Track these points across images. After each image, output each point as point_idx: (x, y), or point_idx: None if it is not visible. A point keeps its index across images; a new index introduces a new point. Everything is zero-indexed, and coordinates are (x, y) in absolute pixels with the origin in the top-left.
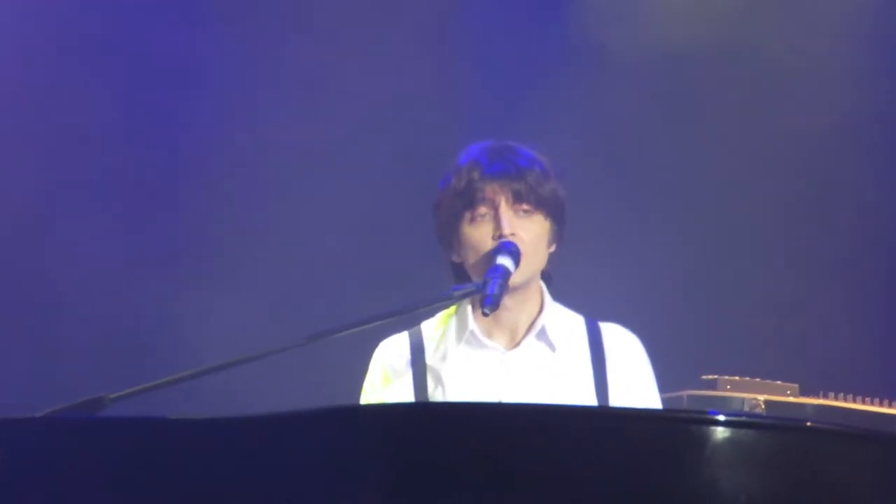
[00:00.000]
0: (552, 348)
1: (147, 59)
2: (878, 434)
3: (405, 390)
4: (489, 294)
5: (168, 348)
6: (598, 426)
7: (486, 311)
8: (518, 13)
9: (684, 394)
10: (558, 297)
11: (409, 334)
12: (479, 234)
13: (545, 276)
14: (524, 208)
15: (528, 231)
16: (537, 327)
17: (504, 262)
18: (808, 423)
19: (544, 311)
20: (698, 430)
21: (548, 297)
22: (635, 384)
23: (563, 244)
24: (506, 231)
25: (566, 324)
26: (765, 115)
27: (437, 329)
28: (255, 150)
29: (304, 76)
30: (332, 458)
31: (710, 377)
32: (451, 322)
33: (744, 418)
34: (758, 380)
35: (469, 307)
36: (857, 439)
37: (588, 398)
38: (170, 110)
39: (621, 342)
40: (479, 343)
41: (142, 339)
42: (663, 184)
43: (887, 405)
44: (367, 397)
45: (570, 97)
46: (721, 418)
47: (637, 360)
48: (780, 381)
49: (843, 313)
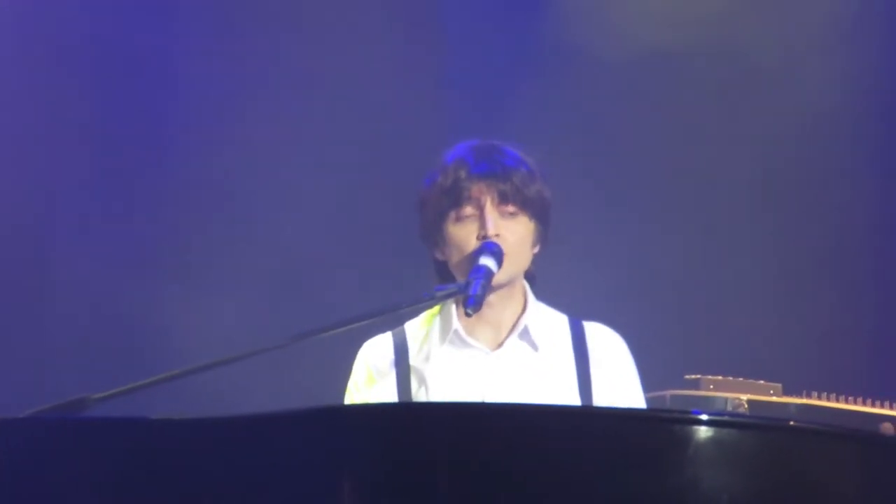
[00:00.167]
0: (535, 348)
1: (140, 60)
2: (860, 433)
3: (389, 390)
4: (472, 295)
5: (155, 349)
6: (582, 426)
7: (469, 312)
8: (501, 13)
9: (667, 393)
10: (542, 296)
11: (392, 334)
12: (463, 234)
13: (529, 276)
14: (509, 210)
15: (513, 232)
16: (520, 327)
17: (487, 262)
18: (791, 423)
19: (527, 311)
20: (681, 429)
21: (531, 296)
22: (619, 383)
23: (547, 245)
24: (490, 232)
25: (549, 323)
26: (750, 113)
27: (421, 329)
28: (246, 150)
29: (294, 76)
30: (316, 457)
31: (692, 377)
32: (435, 322)
33: (727, 418)
34: (741, 379)
35: (454, 307)
36: (840, 438)
37: (572, 398)
38: (163, 111)
39: (605, 341)
40: (462, 343)
41: (129, 340)
42: (646, 183)
43: (870, 405)
44: (351, 397)
45: (554, 97)
46: (704, 418)
47: (621, 360)
48: (763, 381)
49: (826, 313)
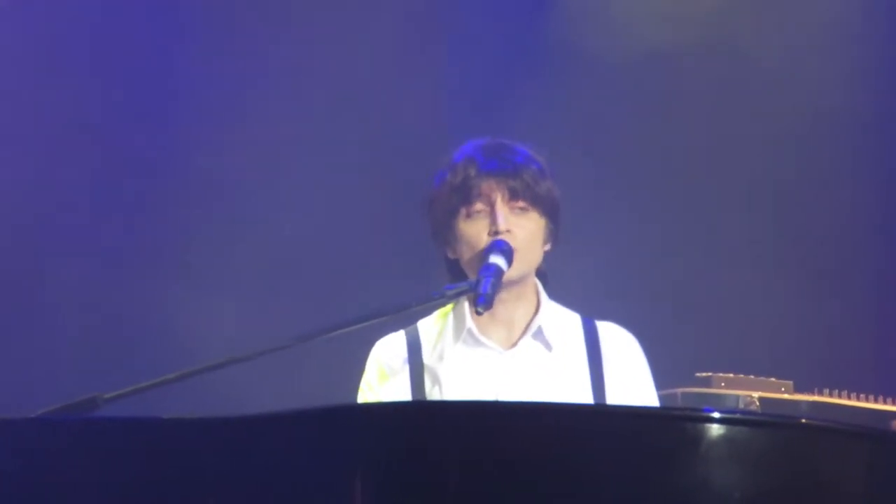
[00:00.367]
0: (549, 348)
1: (142, 60)
2: (872, 431)
3: (402, 389)
4: (482, 293)
5: (161, 348)
6: (594, 424)
7: (480, 310)
8: (504, 13)
9: (679, 391)
10: (554, 295)
11: (405, 333)
12: (474, 231)
13: (540, 274)
14: (519, 205)
15: (524, 228)
16: (534, 327)
17: (496, 260)
18: (803, 420)
19: (541, 311)
20: (693, 427)
21: (544, 295)
22: (632, 383)
23: (558, 244)
24: (501, 228)
25: (563, 323)
26: (757, 113)
27: (434, 327)
28: (249, 150)
29: (295, 75)
30: (329, 457)
31: (704, 374)
32: (449, 320)
33: (738, 415)
34: (752, 377)
35: (466, 304)
36: (852, 436)
37: (585, 397)
38: (165, 111)
39: (618, 341)
40: (476, 342)
41: (135, 339)
42: (657, 182)
43: (881, 402)
44: (364, 396)
45: (560, 97)
46: (716, 415)
47: (634, 359)
48: (774, 378)
49: (837, 310)
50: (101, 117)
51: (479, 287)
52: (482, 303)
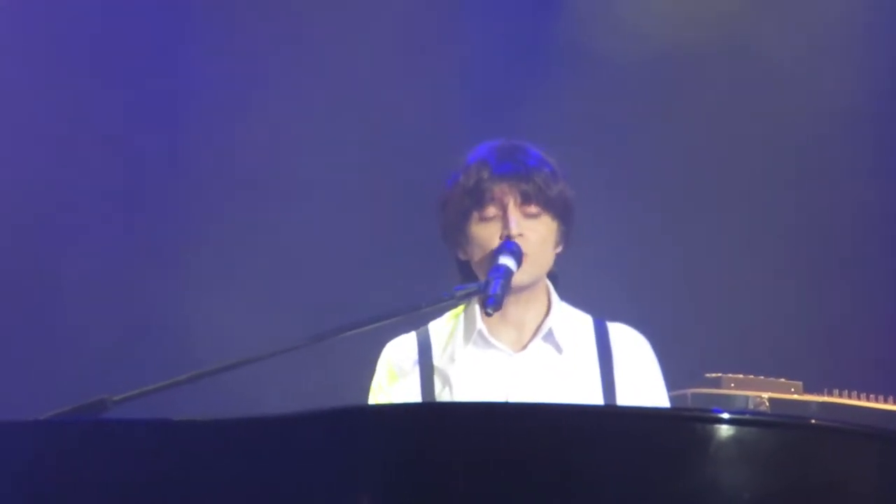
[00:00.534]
0: (559, 350)
1: (154, 61)
2: (882, 431)
3: (412, 389)
4: (492, 294)
5: (171, 350)
6: (604, 425)
7: (489, 311)
8: (515, 14)
9: (688, 392)
10: (565, 296)
11: (416, 334)
12: (486, 234)
13: (551, 276)
14: (531, 210)
15: (536, 232)
16: (544, 329)
17: (506, 261)
18: (813, 421)
19: (552, 313)
20: (703, 428)
21: (555, 297)
22: (643, 384)
23: (570, 245)
24: (513, 231)
25: (574, 324)
26: (769, 113)
27: (445, 328)
28: (261, 150)
29: (301, 76)
30: (339, 458)
31: (714, 375)
32: (459, 321)
33: (748, 416)
34: (762, 377)
35: (477, 306)
36: (862, 437)
37: (595, 398)
38: (175, 111)
39: (629, 342)
40: (486, 343)
41: (144, 341)
42: (667, 183)
43: (892, 402)
44: (375, 397)
45: (572, 98)
46: (725, 416)
47: (645, 361)
48: (783, 379)
49: (847, 310)
50: (107, 118)
51: (488, 288)
52: (492, 304)
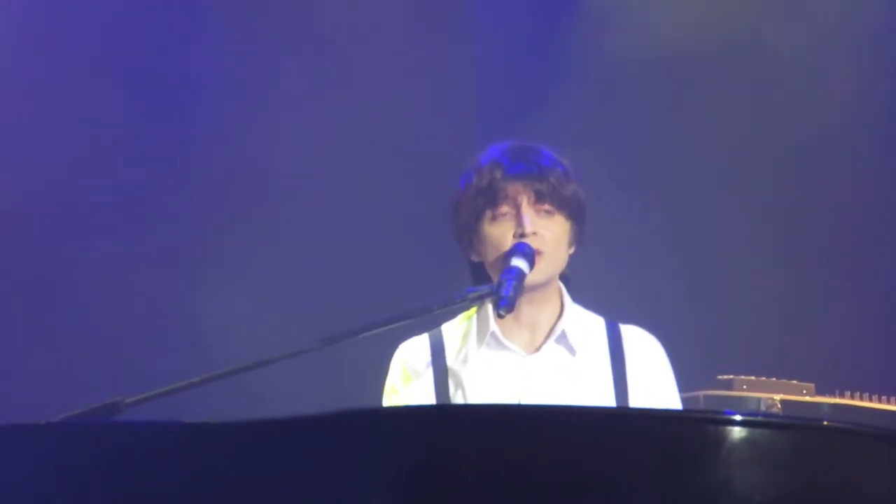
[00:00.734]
0: (572, 352)
1: (167, 60)
2: (894, 433)
3: (426, 391)
4: (504, 296)
5: (184, 351)
6: (616, 426)
7: (502, 313)
8: (527, 15)
9: (700, 394)
10: (578, 298)
11: (429, 336)
12: (499, 233)
13: (563, 278)
14: (545, 208)
15: (550, 231)
16: (557, 332)
17: (518, 263)
18: (825, 423)
19: (564, 315)
20: (715, 430)
21: (567, 298)
22: (655, 387)
23: (582, 246)
24: (528, 230)
25: (586, 326)
26: (776, 114)
27: (458, 330)
28: (274, 150)
29: (317, 76)
30: (353, 460)
31: (726, 377)
32: (472, 323)
33: (760, 418)
34: (774, 379)
35: (490, 308)
36: (874, 438)
37: (608, 400)
38: (187, 112)
39: (642, 345)
40: (499, 345)
41: (159, 343)
42: (680, 185)
43: None
44: (389, 399)
45: (586, 100)
46: (737, 418)
47: (657, 363)
48: (795, 381)
49: (859, 312)
50: (119, 119)
51: (500, 290)
52: (504, 305)
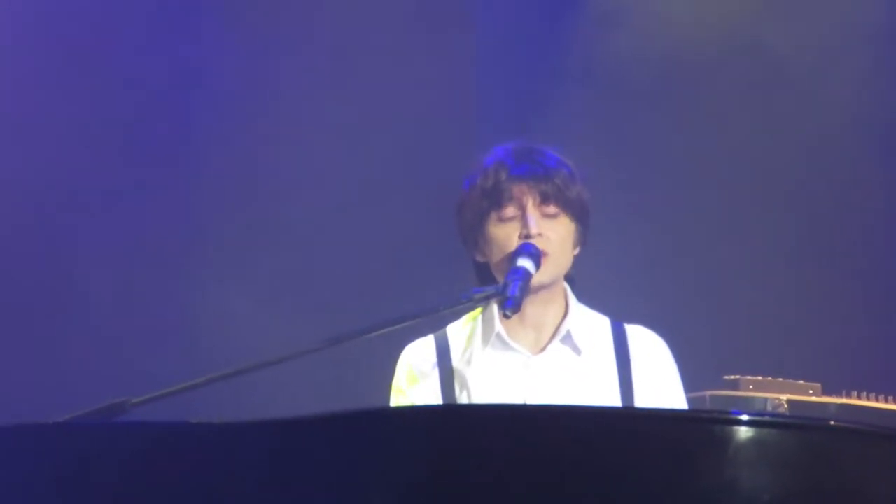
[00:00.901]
0: (577, 352)
1: (169, 60)
2: None
3: (431, 393)
4: (510, 296)
5: (189, 352)
6: (621, 426)
7: (508, 314)
8: (532, 17)
9: (707, 394)
10: (582, 299)
11: (434, 337)
12: (504, 234)
13: (568, 279)
14: (550, 210)
15: (555, 232)
16: (562, 332)
17: (524, 264)
18: (832, 423)
19: (569, 315)
20: (721, 430)
21: (573, 299)
22: (661, 386)
23: (586, 247)
24: (533, 231)
25: (591, 326)
26: (780, 113)
27: (463, 331)
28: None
29: (322, 74)
30: (359, 459)
31: (732, 377)
32: (478, 323)
33: (766, 418)
34: (780, 379)
35: (495, 308)
36: (881, 438)
37: (613, 400)
38: (189, 109)
39: (647, 345)
40: (505, 346)
41: (164, 343)
42: (685, 185)
43: None
44: (395, 400)
45: (590, 100)
46: (744, 418)
47: (663, 363)
48: (802, 381)
49: (865, 312)
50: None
51: (506, 290)
52: (510, 306)
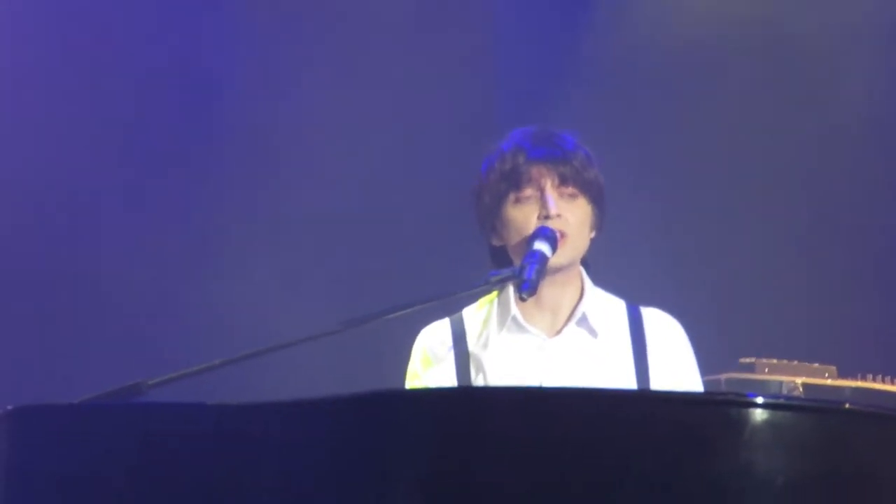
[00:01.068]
0: (594, 335)
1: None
2: None
3: (447, 376)
4: (526, 279)
5: (206, 334)
6: (637, 409)
7: (524, 297)
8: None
9: (722, 377)
10: (598, 282)
11: (450, 321)
12: (523, 216)
13: (583, 263)
14: (569, 191)
15: (573, 214)
16: (578, 314)
17: (541, 247)
18: (847, 406)
19: (585, 297)
20: (737, 412)
21: (588, 282)
22: (676, 368)
23: (602, 232)
24: (552, 212)
25: (607, 309)
26: (801, 107)
27: (479, 314)
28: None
29: (335, 66)
30: (375, 442)
31: (748, 360)
32: (493, 307)
33: (782, 401)
34: (795, 362)
35: (511, 291)
36: None
37: (629, 384)
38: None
39: (663, 327)
40: (520, 328)
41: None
42: (701, 172)
43: None
44: (411, 384)
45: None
46: (759, 401)
47: (678, 346)
48: (817, 364)
49: (881, 295)
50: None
51: (523, 273)
52: (526, 289)
